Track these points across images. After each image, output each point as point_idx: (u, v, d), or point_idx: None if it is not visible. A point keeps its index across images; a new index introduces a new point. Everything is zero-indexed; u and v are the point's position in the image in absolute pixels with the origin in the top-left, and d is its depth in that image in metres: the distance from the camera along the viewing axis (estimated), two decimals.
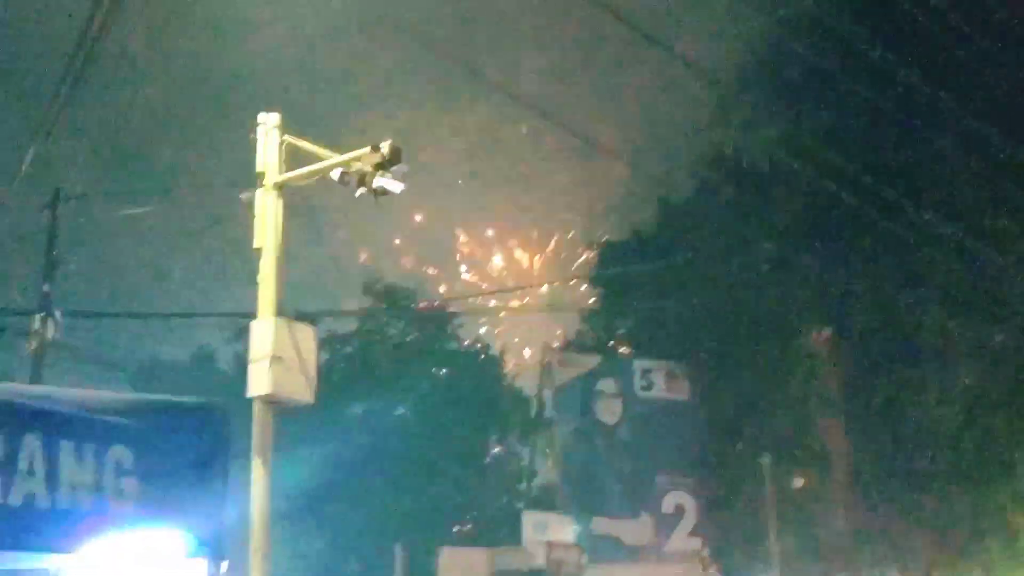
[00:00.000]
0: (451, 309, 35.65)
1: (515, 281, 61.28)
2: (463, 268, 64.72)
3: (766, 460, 29.20)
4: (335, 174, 12.97)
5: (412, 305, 34.09)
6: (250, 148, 13.28)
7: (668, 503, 32.74)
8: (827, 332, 33.52)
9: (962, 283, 29.30)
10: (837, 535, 31.36)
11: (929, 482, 29.88)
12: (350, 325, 34.25)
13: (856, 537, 31.03)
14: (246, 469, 11.58)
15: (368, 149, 12.77)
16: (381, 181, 12.86)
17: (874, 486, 30.97)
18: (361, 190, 12.88)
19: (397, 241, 59.74)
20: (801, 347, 33.26)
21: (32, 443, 5.61)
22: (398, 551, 24.23)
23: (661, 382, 34.51)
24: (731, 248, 33.52)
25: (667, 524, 32.40)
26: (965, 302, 29.65)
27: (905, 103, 25.13)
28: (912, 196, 27.47)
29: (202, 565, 6.50)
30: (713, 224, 34.23)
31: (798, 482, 30.70)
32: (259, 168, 13.15)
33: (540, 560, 25.70)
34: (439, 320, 33.84)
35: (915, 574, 28.80)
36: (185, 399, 7.04)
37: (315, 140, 13.60)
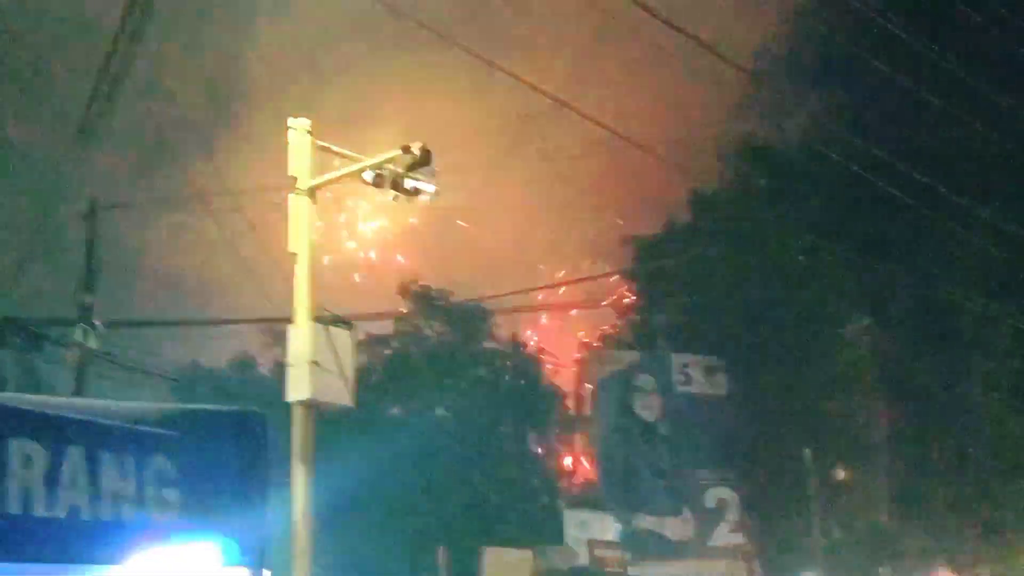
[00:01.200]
0: (486, 308, 35.54)
1: (549, 279, 61.06)
2: (497, 267, 64.54)
3: (807, 453, 28.95)
4: (367, 176, 12.98)
5: (448, 305, 34.08)
6: (282, 153, 13.31)
7: (710, 499, 32.54)
8: (866, 321, 33.21)
9: (1003, 267, 28.92)
10: (881, 528, 31.04)
11: (974, 471, 29.51)
12: (387, 327, 34.33)
13: (901, 529, 30.70)
14: (287, 474, 11.60)
15: (399, 151, 12.78)
16: (413, 182, 12.88)
17: (918, 477, 30.62)
18: (393, 192, 12.90)
19: (431, 242, 59.70)
20: (840, 337, 32.96)
21: (74, 456, 5.64)
22: (441, 552, 24.24)
23: (700, 377, 34.30)
24: (766, 239, 33.26)
25: (709, 520, 32.20)
26: (1007, 286, 29.27)
27: (941, 86, 24.78)
28: (950, 180, 27.10)
29: (244, 573, 6.51)
30: (747, 215, 33.97)
31: (840, 474, 30.42)
32: (291, 173, 13.17)
33: (583, 559, 25.67)
34: (475, 320, 33.79)
35: (962, 566, 28.40)
36: (223, 408, 7.06)
37: (346, 143, 13.61)
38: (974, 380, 29.93)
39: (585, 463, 37.40)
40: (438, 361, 32.37)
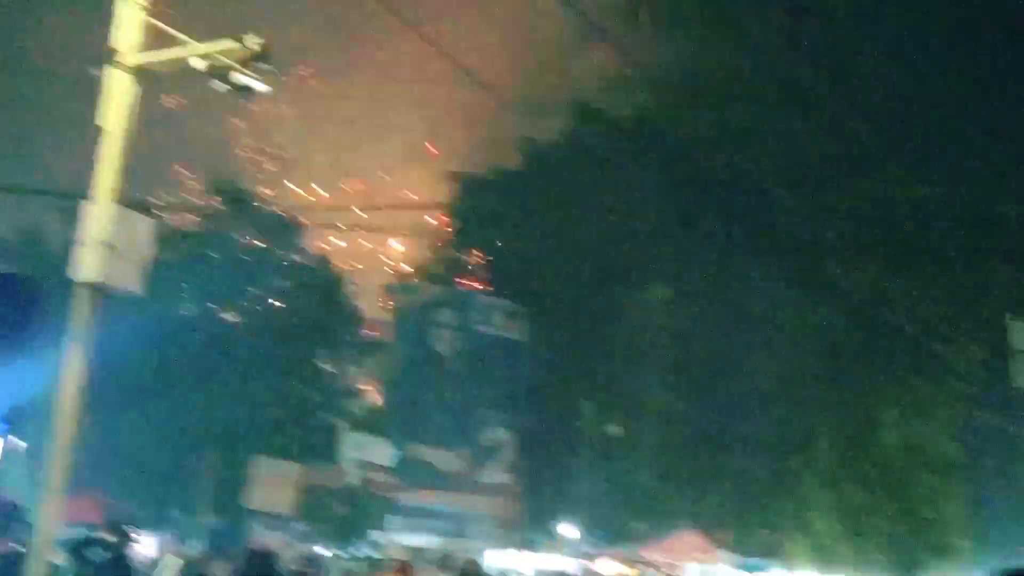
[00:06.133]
0: (300, 221, 34.89)
1: (370, 200, 60.59)
2: (316, 181, 63.55)
3: (587, 407, 29.94)
4: (198, 64, 12.41)
5: (259, 210, 33.28)
6: (108, 22, 12.60)
7: (487, 437, 33.34)
8: (665, 289, 34.40)
9: (802, 253, 30.30)
10: (643, 485, 32.50)
11: (734, 446, 31.23)
12: (194, 223, 33.34)
13: (660, 488, 32.20)
14: (64, 346, 11.18)
15: (236, 42, 12.22)
16: (246, 78, 12.40)
17: (683, 444, 32.15)
18: (223, 85, 12.39)
19: (250, 145, 58.08)
20: (639, 302, 34.06)
21: None
22: (212, 455, 23.92)
23: (500, 320, 34.92)
24: (590, 197, 33.89)
25: (483, 458, 33.02)
26: (806, 272, 30.63)
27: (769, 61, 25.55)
28: (767, 162, 28.09)
29: None
30: (576, 172, 34.47)
31: (614, 430, 31.61)
32: (113, 44, 12.47)
33: (354, 479, 25.83)
34: (286, 230, 33.09)
35: (707, 528, 30.00)
36: None
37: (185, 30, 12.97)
38: (752, 361, 31.45)
39: (373, 387, 37.57)
40: (242, 265, 31.57)
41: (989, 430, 29.13)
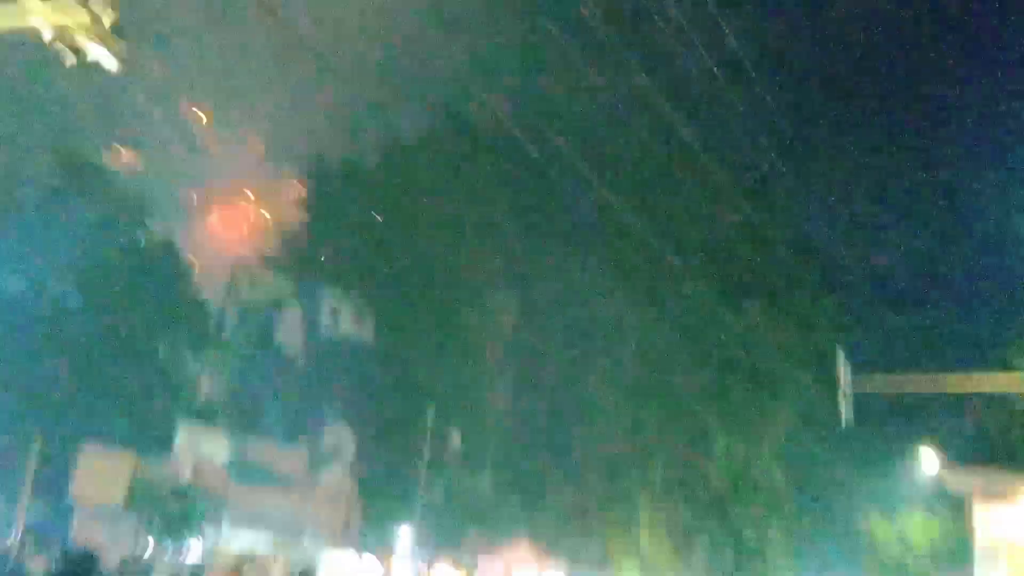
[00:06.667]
0: (147, 202, 33.45)
1: (220, 184, 58.78)
2: (168, 163, 61.29)
3: (431, 413, 29.86)
4: (44, 32, 11.66)
5: (106, 191, 31.76)
6: None
7: (328, 439, 32.77)
8: (511, 301, 34.61)
9: (647, 277, 30.86)
10: (480, 495, 32.58)
11: (571, 460, 31.69)
12: (37, 198, 31.58)
13: (498, 498, 32.36)
14: None
15: (84, 10, 11.39)
16: (96, 53, 11.72)
17: (522, 455, 32.43)
18: (72, 56, 11.68)
19: (102, 124, 55.52)
20: (487, 311, 34.16)
21: None
22: (37, 441, 22.71)
23: (348, 320, 34.41)
24: (443, 199, 33.82)
25: (322, 459, 32.42)
26: (643, 300, 31.24)
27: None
28: (628, 187, 28.55)
29: None
30: (429, 173, 34.35)
31: (455, 438, 31.63)
32: None
33: (186, 475, 24.98)
34: (132, 211, 31.67)
35: (544, 542, 30.30)
36: None
37: None
38: (595, 378, 31.92)
39: (214, 381, 36.36)
40: (85, 243, 30.06)
41: (817, 462, 30.32)
